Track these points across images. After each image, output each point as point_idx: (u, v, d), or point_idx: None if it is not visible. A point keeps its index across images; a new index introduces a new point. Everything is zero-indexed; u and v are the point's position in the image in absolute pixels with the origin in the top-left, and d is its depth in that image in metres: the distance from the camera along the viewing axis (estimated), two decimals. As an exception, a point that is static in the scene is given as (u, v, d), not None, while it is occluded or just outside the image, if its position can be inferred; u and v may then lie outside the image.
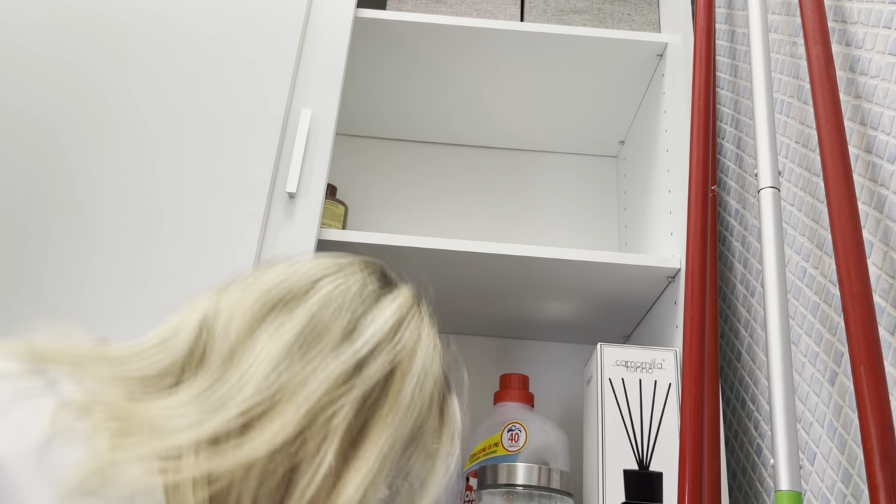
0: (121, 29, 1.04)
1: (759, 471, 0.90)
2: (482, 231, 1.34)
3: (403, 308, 0.56)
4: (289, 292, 0.54)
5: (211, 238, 0.91)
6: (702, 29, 1.00)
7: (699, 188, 0.89)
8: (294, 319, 0.52)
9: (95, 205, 0.93)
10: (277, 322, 0.52)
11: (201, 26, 1.05)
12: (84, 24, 1.04)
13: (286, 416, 0.47)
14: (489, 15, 1.22)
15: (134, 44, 1.03)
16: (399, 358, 0.53)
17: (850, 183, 0.69)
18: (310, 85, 1.02)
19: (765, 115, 0.83)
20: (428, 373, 0.55)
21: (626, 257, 0.98)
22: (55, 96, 0.99)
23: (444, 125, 1.36)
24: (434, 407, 0.57)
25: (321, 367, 0.50)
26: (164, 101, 1.00)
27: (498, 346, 1.25)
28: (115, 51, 1.03)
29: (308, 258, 0.58)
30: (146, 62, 1.02)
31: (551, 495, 0.87)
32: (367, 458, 0.52)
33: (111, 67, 1.01)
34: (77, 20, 1.04)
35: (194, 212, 0.93)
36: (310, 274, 0.56)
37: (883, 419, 0.59)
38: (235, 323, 0.52)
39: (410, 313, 0.57)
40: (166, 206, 0.93)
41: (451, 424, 0.59)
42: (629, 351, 0.93)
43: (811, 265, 0.83)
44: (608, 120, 1.32)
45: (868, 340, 0.62)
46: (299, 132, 0.97)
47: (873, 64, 0.75)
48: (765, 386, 0.91)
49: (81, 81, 1.00)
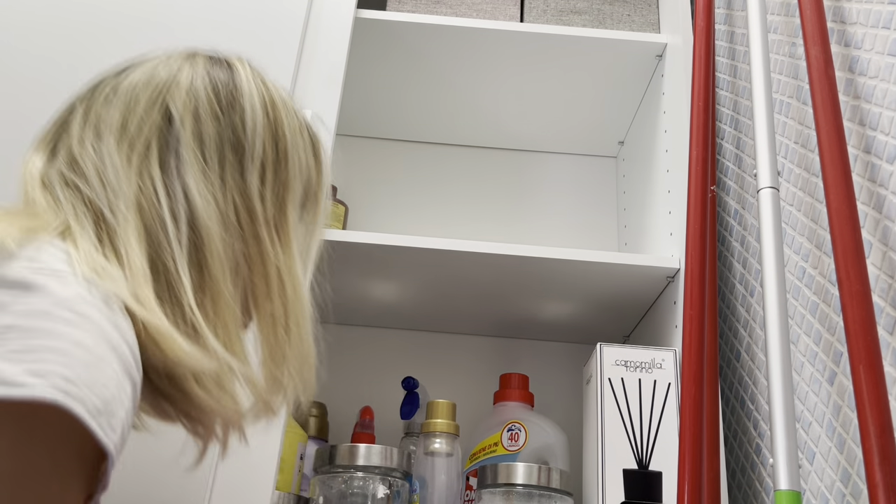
0: (120, 29, 1.04)
1: (759, 470, 0.90)
2: (482, 231, 1.34)
3: (256, 83, 0.60)
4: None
5: (211, 238, 0.91)
6: (701, 29, 1.00)
7: (698, 188, 0.89)
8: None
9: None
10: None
11: (201, 26, 1.05)
12: (83, 24, 1.04)
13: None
14: (489, 15, 1.22)
15: (133, 44, 1.03)
16: (282, 143, 0.59)
17: (850, 183, 0.70)
18: (310, 85, 1.02)
19: (764, 115, 0.84)
20: (303, 140, 0.61)
21: (625, 257, 0.98)
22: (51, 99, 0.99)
23: (444, 125, 1.36)
24: (310, 170, 0.62)
25: (233, 177, 0.56)
26: (164, 102, 1.00)
27: (498, 346, 1.25)
28: (115, 51, 1.03)
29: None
30: (147, 62, 1.02)
31: (551, 495, 0.87)
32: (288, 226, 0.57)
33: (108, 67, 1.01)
34: (76, 20, 1.04)
35: (195, 212, 0.93)
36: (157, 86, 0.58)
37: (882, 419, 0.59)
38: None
39: (262, 85, 0.60)
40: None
41: (326, 171, 0.66)
42: (629, 351, 0.93)
43: (810, 265, 0.83)
44: (608, 120, 1.32)
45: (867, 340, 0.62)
46: (299, 132, 0.97)
47: (872, 64, 0.76)
48: (764, 386, 0.92)
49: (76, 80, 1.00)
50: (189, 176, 0.53)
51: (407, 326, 1.24)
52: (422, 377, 1.20)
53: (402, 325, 1.24)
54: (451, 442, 0.98)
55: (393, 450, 0.90)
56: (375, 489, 0.88)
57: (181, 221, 0.51)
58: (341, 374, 1.21)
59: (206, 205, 0.53)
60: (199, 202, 0.52)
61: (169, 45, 1.03)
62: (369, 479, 0.89)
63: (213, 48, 0.63)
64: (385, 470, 0.89)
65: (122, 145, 0.53)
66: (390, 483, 0.90)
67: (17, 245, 0.43)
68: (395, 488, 0.90)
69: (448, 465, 0.96)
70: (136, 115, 0.55)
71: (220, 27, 1.05)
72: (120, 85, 0.58)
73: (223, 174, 0.55)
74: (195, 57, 0.60)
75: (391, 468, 0.89)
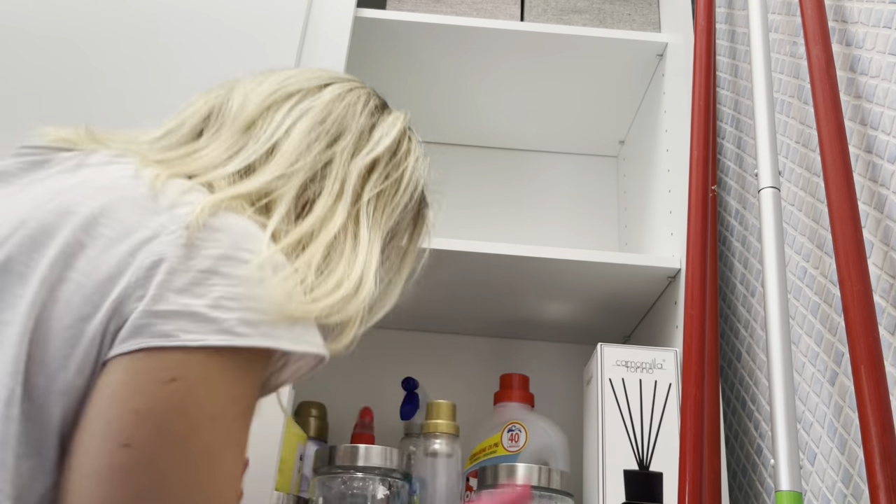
0: (119, 30, 1.04)
1: (760, 471, 0.90)
2: (482, 231, 1.34)
3: (402, 126, 0.69)
4: (302, 87, 0.64)
5: (211, 238, 0.91)
6: (702, 29, 1.00)
7: (699, 188, 0.89)
8: (314, 108, 0.62)
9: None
10: (297, 107, 0.62)
11: (201, 26, 1.05)
12: (81, 25, 1.04)
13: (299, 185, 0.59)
14: (489, 15, 1.21)
15: (133, 44, 1.03)
16: (401, 169, 0.66)
17: (851, 183, 0.69)
18: (310, 85, 1.02)
19: (765, 114, 0.83)
20: (417, 182, 0.68)
21: (626, 257, 0.98)
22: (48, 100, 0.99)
23: (444, 125, 1.36)
24: (412, 211, 0.69)
25: (345, 156, 0.61)
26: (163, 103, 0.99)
27: (498, 346, 1.25)
28: (113, 52, 1.02)
29: (310, 67, 0.72)
30: (145, 62, 1.02)
31: (551, 495, 0.87)
32: (371, 238, 0.61)
33: (109, 69, 1.01)
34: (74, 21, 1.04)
35: (194, 212, 0.93)
36: (320, 77, 0.67)
37: (883, 419, 0.59)
38: (252, 104, 0.62)
39: (408, 132, 0.70)
40: (166, 206, 0.93)
41: (424, 227, 0.73)
42: (629, 351, 0.93)
43: (811, 265, 0.83)
44: (608, 120, 1.32)
45: (868, 340, 0.62)
46: (299, 132, 0.97)
47: (874, 64, 0.75)
48: (765, 386, 0.91)
49: (78, 83, 1.00)
50: (303, 121, 0.61)
51: (407, 327, 1.24)
52: (422, 378, 1.20)
53: (401, 326, 1.24)
54: (451, 443, 0.97)
55: (393, 450, 0.90)
56: (375, 490, 0.88)
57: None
58: (341, 374, 1.21)
59: (300, 142, 0.60)
60: (294, 136, 0.60)
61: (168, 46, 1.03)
62: (369, 480, 0.88)
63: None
64: (385, 471, 0.89)
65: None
66: (390, 484, 0.89)
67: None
68: (395, 489, 0.90)
69: (448, 466, 0.96)
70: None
71: (221, 27, 1.05)
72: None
73: (333, 142, 0.62)
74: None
75: (391, 469, 0.89)
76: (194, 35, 1.04)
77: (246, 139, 0.59)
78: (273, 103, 0.62)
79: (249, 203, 0.54)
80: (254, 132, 0.60)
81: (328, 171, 0.60)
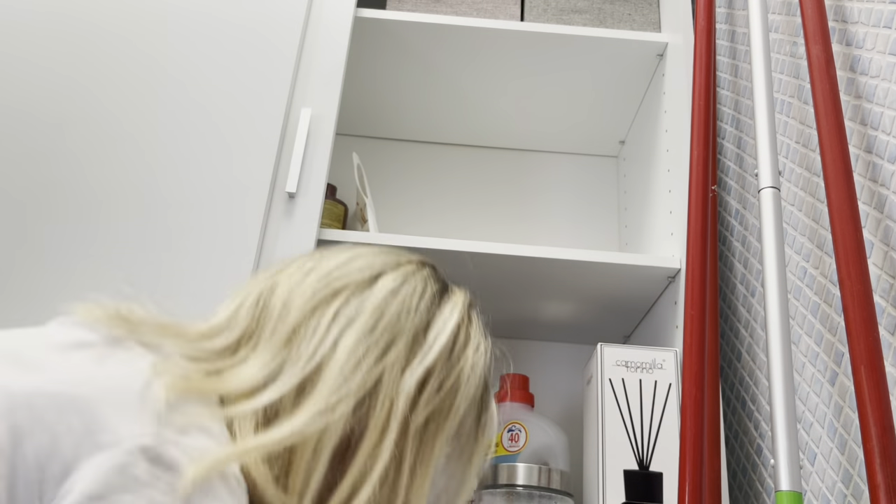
0: (119, 30, 1.04)
1: (760, 471, 0.90)
2: (482, 231, 1.34)
3: (461, 314, 0.60)
4: (351, 281, 0.56)
5: (211, 237, 0.91)
6: (702, 29, 1.00)
7: (699, 188, 0.89)
8: (363, 312, 0.54)
9: (93, 205, 0.93)
10: (344, 310, 0.54)
11: (201, 26, 1.05)
12: (82, 25, 1.04)
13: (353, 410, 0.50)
14: (489, 15, 1.22)
15: (133, 44, 1.03)
16: (457, 370, 0.57)
17: (851, 183, 0.69)
18: (310, 85, 1.02)
19: (765, 114, 0.83)
20: (477, 379, 0.59)
21: (626, 257, 0.98)
22: (53, 99, 0.99)
23: (443, 125, 1.36)
24: (474, 409, 0.59)
25: (394, 371, 0.52)
26: (163, 101, 1.00)
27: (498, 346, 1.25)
28: (115, 51, 1.02)
29: (364, 250, 0.61)
30: (146, 62, 1.02)
31: (551, 495, 0.87)
32: (424, 459, 0.54)
33: (111, 68, 1.01)
34: (74, 21, 1.04)
35: (194, 211, 0.93)
36: (371, 267, 0.58)
37: (883, 419, 0.59)
38: (296, 302, 0.54)
39: (466, 319, 0.61)
40: (166, 205, 0.93)
41: (490, 427, 0.62)
42: (629, 351, 0.93)
43: (811, 265, 0.83)
44: (608, 120, 1.32)
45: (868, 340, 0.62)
46: (299, 132, 0.97)
47: (874, 64, 0.75)
48: (765, 386, 0.91)
49: (81, 82, 1.00)
50: (350, 332, 0.52)
51: (407, 326, 1.24)
52: (422, 377, 1.20)
53: (402, 325, 1.23)
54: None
55: (393, 450, 0.90)
56: (375, 490, 0.88)
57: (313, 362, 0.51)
58: (341, 374, 1.21)
59: (347, 361, 0.51)
60: (340, 355, 0.51)
61: (168, 46, 1.03)
62: (369, 480, 0.88)
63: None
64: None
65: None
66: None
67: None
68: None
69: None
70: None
71: (221, 27, 1.05)
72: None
73: (383, 354, 0.53)
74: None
75: (391, 469, 0.89)
76: (194, 35, 1.04)
77: (286, 353, 0.52)
78: (318, 305, 0.54)
79: (268, 462, 0.47)
80: (294, 343, 0.52)
81: (375, 398, 0.51)
